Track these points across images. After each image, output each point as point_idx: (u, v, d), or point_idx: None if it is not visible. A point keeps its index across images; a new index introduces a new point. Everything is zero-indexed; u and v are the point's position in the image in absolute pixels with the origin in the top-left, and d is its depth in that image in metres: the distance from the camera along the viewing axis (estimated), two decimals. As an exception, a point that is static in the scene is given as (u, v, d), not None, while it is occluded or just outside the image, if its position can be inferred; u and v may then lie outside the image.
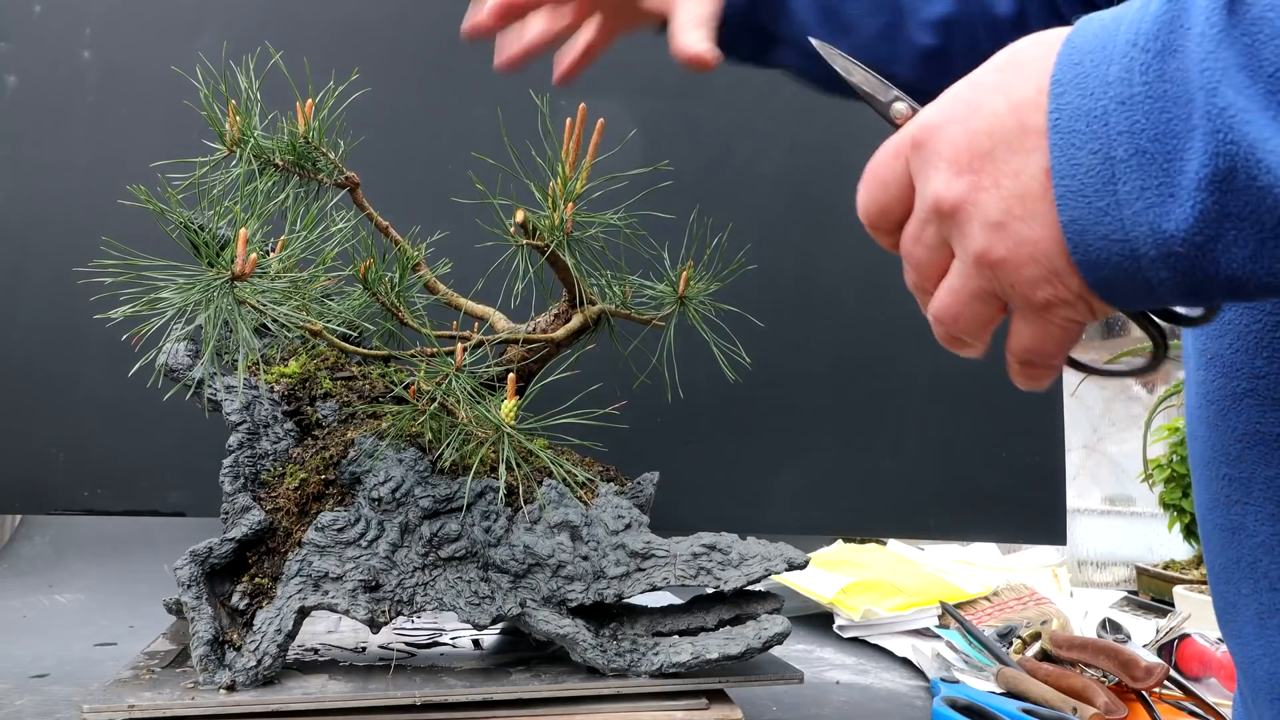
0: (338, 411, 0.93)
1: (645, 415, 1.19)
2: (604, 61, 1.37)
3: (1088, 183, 0.38)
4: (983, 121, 0.41)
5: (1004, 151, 0.40)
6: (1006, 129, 0.40)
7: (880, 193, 0.46)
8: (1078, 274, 0.39)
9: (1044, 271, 0.40)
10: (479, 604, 0.81)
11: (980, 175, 0.41)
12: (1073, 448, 2.08)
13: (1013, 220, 0.40)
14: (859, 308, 1.44)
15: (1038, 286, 0.40)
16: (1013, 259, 0.40)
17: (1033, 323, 0.43)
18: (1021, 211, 0.40)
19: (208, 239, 0.70)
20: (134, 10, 1.32)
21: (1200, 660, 1.13)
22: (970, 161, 0.41)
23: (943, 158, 0.42)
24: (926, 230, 0.44)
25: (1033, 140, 0.39)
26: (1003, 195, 0.40)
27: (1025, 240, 0.40)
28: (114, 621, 1.26)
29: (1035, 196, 0.39)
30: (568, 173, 0.84)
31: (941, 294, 0.44)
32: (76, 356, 1.27)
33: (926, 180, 0.43)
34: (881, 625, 1.27)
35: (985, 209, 0.40)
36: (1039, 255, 0.40)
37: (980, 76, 0.42)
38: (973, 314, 0.44)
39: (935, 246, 0.44)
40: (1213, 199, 0.35)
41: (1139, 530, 2.08)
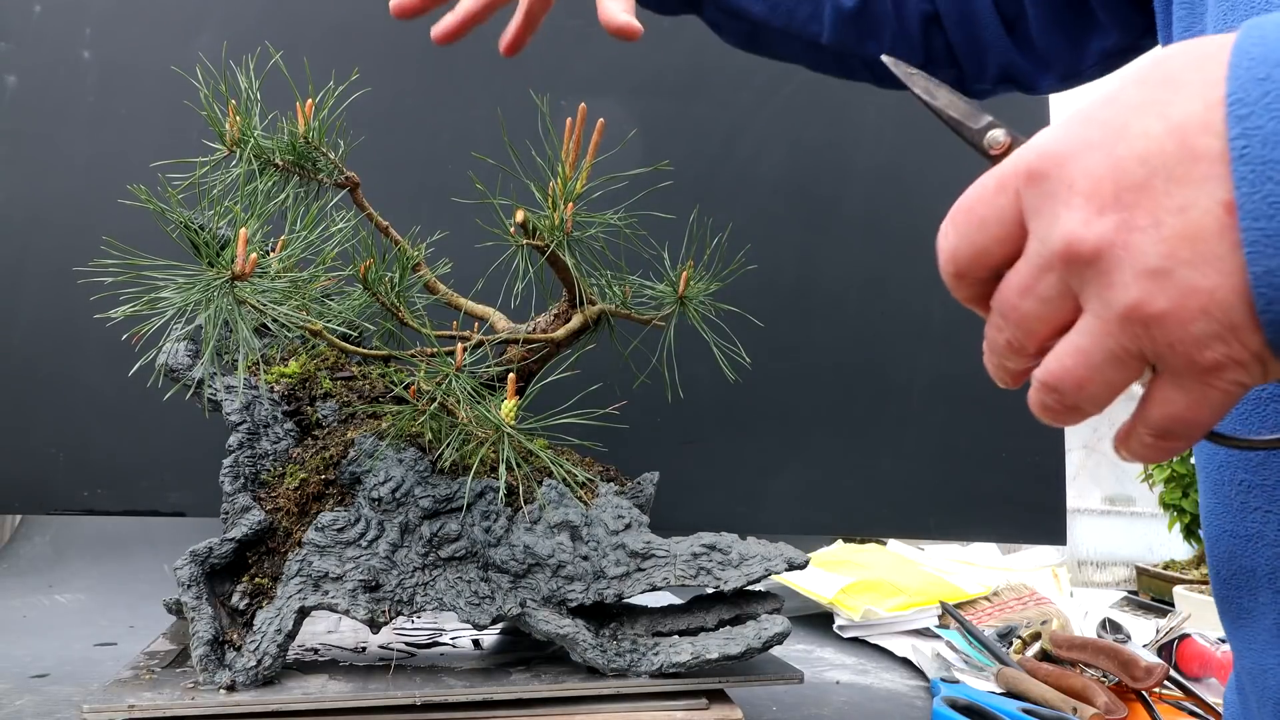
0: (338, 411, 0.93)
1: (645, 415, 1.19)
2: (604, 61, 1.37)
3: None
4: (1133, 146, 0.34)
5: (1164, 182, 0.33)
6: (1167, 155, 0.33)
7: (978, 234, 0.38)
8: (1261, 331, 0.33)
9: (1218, 328, 0.33)
10: (479, 604, 0.81)
11: (1133, 212, 0.34)
12: (1073, 448, 2.08)
13: (1179, 266, 0.33)
14: (859, 308, 1.44)
15: (1207, 346, 0.34)
16: (1177, 313, 0.33)
17: (1189, 389, 0.35)
18: (1191, 255, 0.33)
19: (208, 239, 0.70)
20: (134, 10, 1.32)
21: (1200, 660, 1.13)
22: (1118, 195, 0.34)
23: (1077, 191, 0.35)
24: (1045, 279, 0.37)
25: (1204, 168, 0.33)
26: (1164, 236, 0.33)
27: (1196, 290, 0.33)
28: (114, 621, 1.26)
29: (1210, 237, 0.33)
30: (568, 173, 0.84)
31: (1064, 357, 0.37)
32: (76, 356, 1.27)
33: (1054, 219, 0.36)
34: (881, 625, 1.27)
35: (1140, 253, 0.34)
36: (1213, 308, 0.33)
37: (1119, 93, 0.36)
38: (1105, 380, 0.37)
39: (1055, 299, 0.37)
40: None
41: (1139, 530, 2.08)
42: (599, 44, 1.40)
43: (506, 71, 1.37)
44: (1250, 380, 0.35)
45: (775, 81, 1.43)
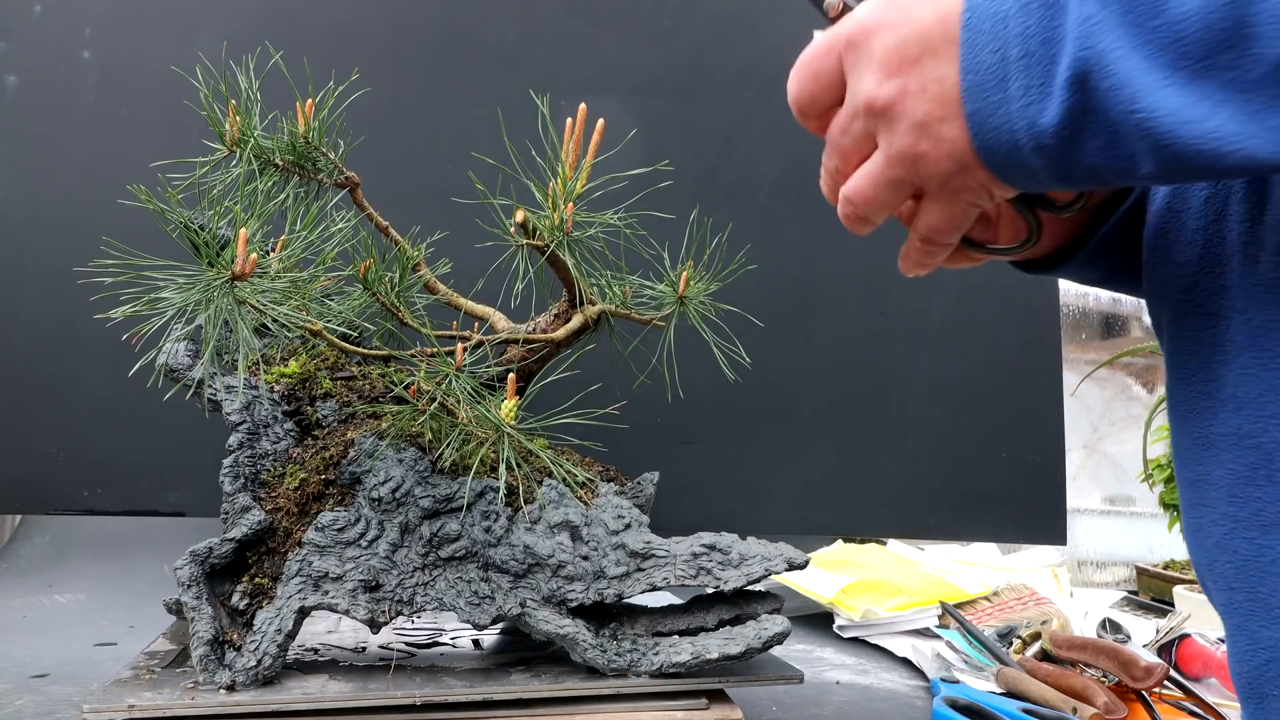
0: (338, 411, 0.93)
1: (645, 415, 1.19)
2: (604, 61, 1.37)
3: (987, 79, 0.43)
4: (913, 28, 0.45)
5: (930, 58, 0.45)
6: (933, 37, 0.45)
7: (811, 83, 0.51)
8: (984, 165, 0.45)
9: (957, 165, 0.46)
10: (479, 604, 0.81)
11: (909, 79, 0.45)
12: (1073, 448, 2.08)
13: (934, 122, 0.45)
14: (859, 308, 1.44)
15: (951, 178, 0.46)
16: (933, 154, 0.46)
17: (942, 205, 0.49)
18: (943, 114, 0.45)
19: (208, 239, 0.70)
20: (134, 10, 1.32)
21: (1200, 660, 1.13)
22: (900, 66, 0.46)
23: (875, 60, 0.46)
24: (855, 123, 0.49)
25: (954, 49, 0.44)
26: (928, 99, 0.45)
27: (943, 139, 0.45)
28: (114, 621, 1.26)
29: (954, 101, 0.44)
30: (568, 173, 0.84)
31: (859, 178, 0.50)
32: (76, 356, 1.27)
33: (859, 80, 0.47)
34: (881, 625, 1.27)
35: (912, 111, 0.46)
36: (954, 152, 0.45)
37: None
38: (884, 198, 0.49)
39: (861, 138, 0.49)
40: (1074, 98, 0.40)
41: (1139, 530, 2.08)
42: (599, 44, 1.41)
43: (506, 71, 1.37)
44: (980, 201, 0.48)
45: (775, 82, 1.42)
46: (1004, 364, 1.44)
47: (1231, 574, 0.50)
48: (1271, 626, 0.48)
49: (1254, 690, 0.50)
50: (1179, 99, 0.38)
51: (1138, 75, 0.39)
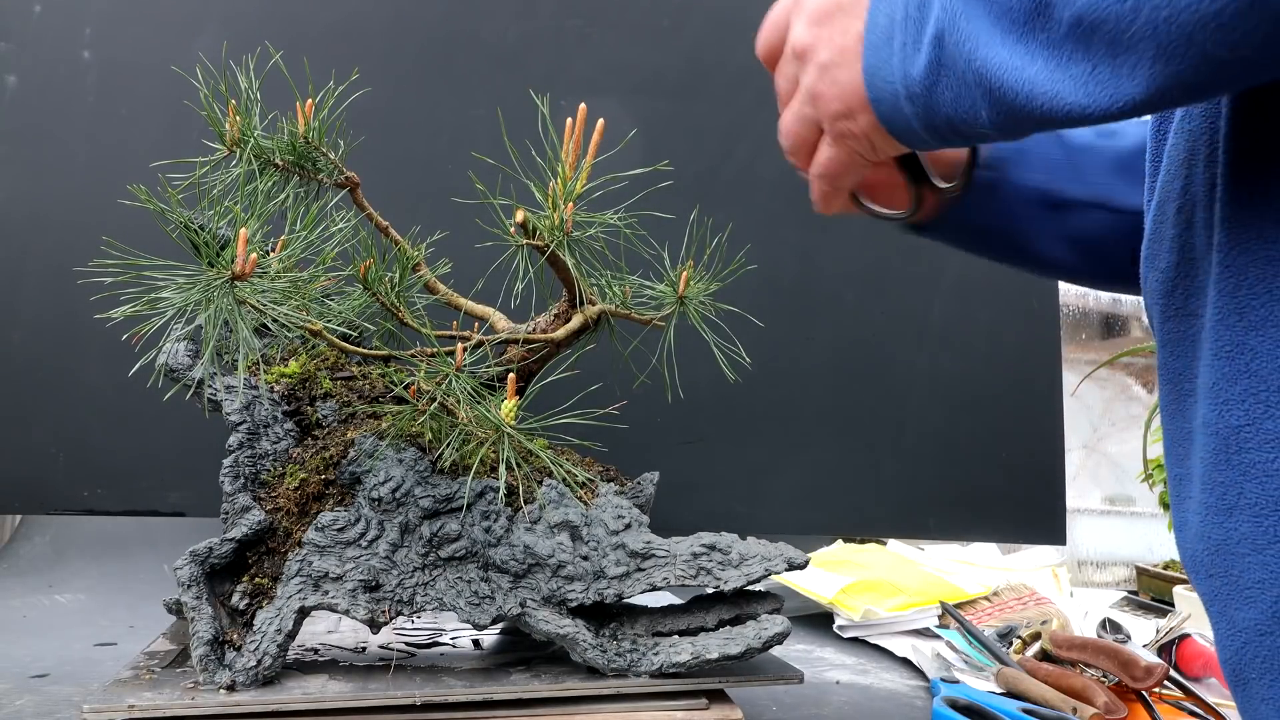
0: (338, 411, 0.93)
1: (645, 415, 1.19)
2: (604, 61, 1.37)
3: (880, 37, 0.51)
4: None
5: (841, 14, 0.54)
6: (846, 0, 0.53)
7: (770, 33, 0.60)
8: (868, 111, 0.53)
9: (845, 108, 0.54)
10: (479, 604, 0.81)
11: (823, 29, 0.54)
12: (1073, 448, 2.08)
13: (833, 66, 0.54)
14: (859, 308, 1.44)
15: (840, 119, 0.55)
16: (828, 94, 0.54)
17: (831, 147, 0.57)
18: (840, 60, 0.53)
19: (208, 239, 0.70)
20: (134, 10, 1.31)
21: (1200, 660, 1.13)
22: (820, 18, 0.55)
23: (805, 12, 0.55)
24: (788, 66, 0.58)
25: (860, 7, 0.53)
26: (833, 47, 0.54)
27: (837, 82, 0.54)
28: (114, 621, 1.26)
29: (851, 51, 0.53)
30: (568, 173, 0.84)
31: (784, 115, 0.59)
32: (76, 356, 1.27)
33: (792, 28, 0.57)
34: (881, 625, 1.27)
35: (820, 55, 0.54)
36: (845, 95, 0.54)
37: None
38: (800, 134, 0.58)
39: (790, 80, 0.58)
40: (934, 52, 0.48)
41: (1139, 530, 2.08)
42: (599, 44, 1.41)
43: (506, 71, 1.37)
44: (863, 149, 0.56)
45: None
46: (1004, 364, 1.44)
47: (1208, 561, 0.52)
48: (1245, 608, 0.49)
49: (1237, 676, 0.51)
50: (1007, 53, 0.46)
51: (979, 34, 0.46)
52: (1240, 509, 0.49)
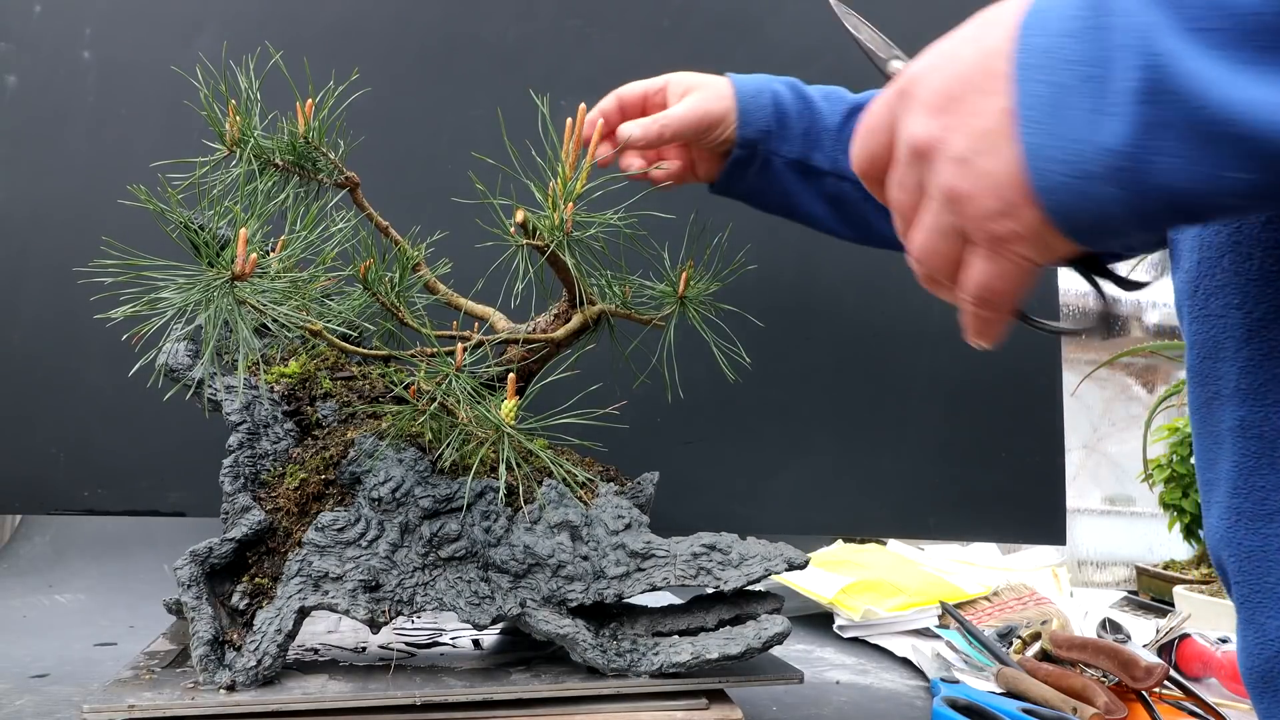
0: (338, 411, 0.93)
1: (645, 415, 1.19)
2: (604, 61, 1.37)
3: (1042, 111, 0.41)
4: (957, 68, 0.44)
5: (972, 94, 0.44)
6: (975, 74, 0.44)
7: (870, 141, 0.49)
8: (1034, 204, 0.42)
9: (1003, 204, 0.43)
10: (479, 604, 0.81)
11: (951, 117, 0.44)
12: (1073, 448, 2.08)
13: (976, 156, 0.43)
14: (859, 308, 1.44)
15: (996, 220, 0.43)
16: (974, 192, 0.43)
17: (988, 259, 0.45)
18: (984, 147, 0.43)
19: (208, 239, 0.70)
20: (134, 10, 1.31)
21: (1200, 660, 1.13)
22: (943, 104, 0.44)
23: (920, 102, 0.45)
24: (906, 174, 0.47)
25: (997, 83, 0.43)
26: (969, 134, 0.43)
27: (986, 174, 0.43)
28: (114, 621, 1.26)
29: (996, 134, 0.42)
30: (568, 173, 0.84)
31: (915, 233, 0.48)
32: (76, 356, 1.27)
33: (905, 125, 0.46)
34: (881, 625, 1.27)
35: (953, 146, 0.44)
36: (999, 188, 0.43)
37: (961, 31, 0.46)
38: (940, 250, 0.47)
39: (913, 188, 0.47)
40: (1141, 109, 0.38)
41: (1139, 530, 2.08)
42: (599, 44, 1.41)
43: (506, 71, 1.37)
44: (1033, 253, 0.44)
45: (775, 81, 1.42)
46: (1004, 364, 1.44)
47: (1236, 567, 0.51)
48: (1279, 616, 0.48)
49: (1266, 683, 0.50)
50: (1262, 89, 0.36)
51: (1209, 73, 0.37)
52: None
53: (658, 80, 0.98)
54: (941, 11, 1.22)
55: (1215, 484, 0.53)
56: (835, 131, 0.96)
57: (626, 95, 0.97)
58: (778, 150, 0.96)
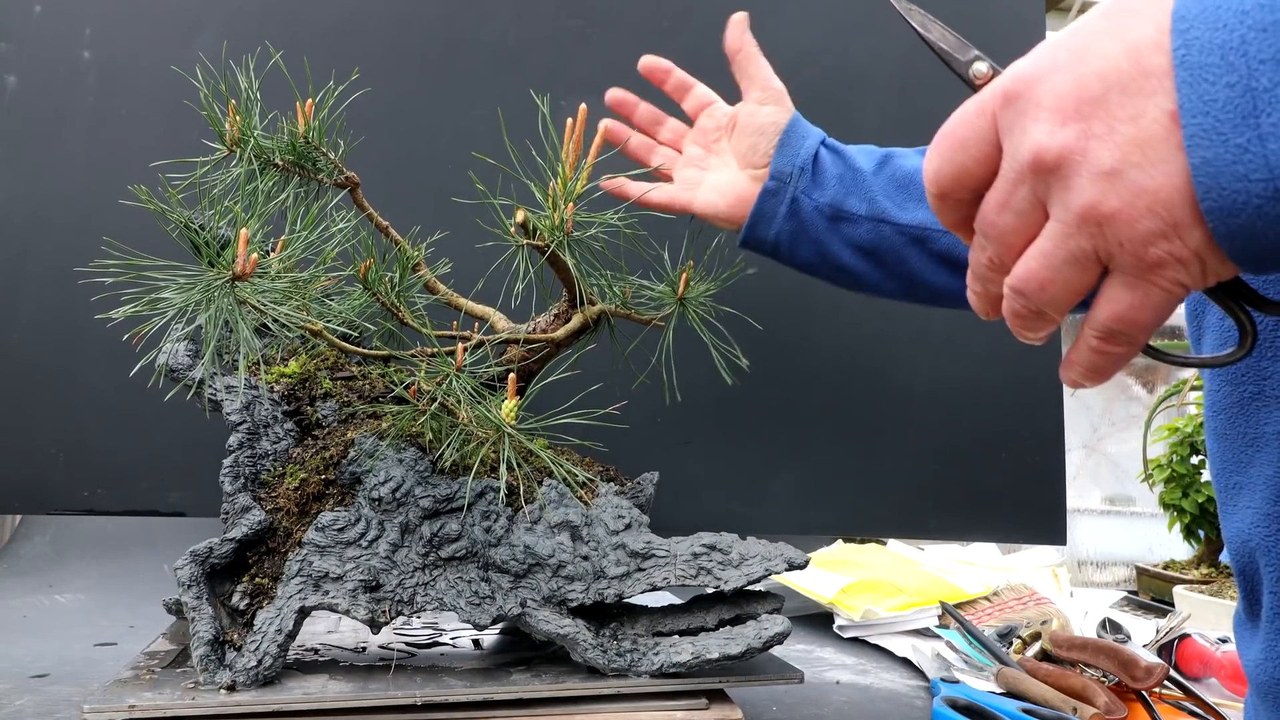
0: (338, 411, 0.93)
1: (645, 415, 1.19)
2: (604, 61, 1.37)
3: (1224, 119, 0.35)
4: (1093, 65, 0.38)
5: (1119, 95, 0.37)
6: (1121, 72, 0.37)
7: (958, 154, 0.42)
8: (1201, 226, 0.36)
9: (1162, 225, 0.36)
10: (479, 604, 0.81)
11: (1091, 122, 0.37)
12: (1073, 448, 2.08)
13: (1129, 168, 0.37)
14: (859, 308, 1.44)
15: (1152, 243, 0.37)
16: (1127, 211, 0.37)
17: (1134, 287, 0.38)
18: (1140, 159, 0.36)
19: (208, 239, 0.70)
20: (134, 10, 1.32)
21: (1200, 660, 1.13)
22: (1078, 108, 0.38)
23: (1044, 107, 0.39)
24: (1018, 192, 0.40)
25: (1153, 83, 0.37)
26: (1117, 142, 0.37)
27: (1144, 190, 0.36)
28: (114, 621, 1.26)
29: (1157, 141, 0.36)
30: (568, 173, 0.84)
31: (1029, 260, 0.40)
32: (76, 356, 1.27)
33: (1023, 134, 0.39)
34: (881, 625, 1.27)
35: (1097, 158, 0.37)
36: (1158, 206, 0.36)
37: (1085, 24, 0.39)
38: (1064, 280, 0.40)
39: (1027, 210, 0.40)
40: None
41: (1139, 530, 2.08)
42: (599, 44, 1.41)
43: (506, 71, 1.37)
44: (1190, 279, 0.38)
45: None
46: (1004, 364, 1.44)
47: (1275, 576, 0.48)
48: None
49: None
50: None
51: None
52: None
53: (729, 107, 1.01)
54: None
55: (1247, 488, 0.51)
56: (871, 174, 0.92)
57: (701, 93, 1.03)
58: (808, 194, 0.90)
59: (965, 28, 0.54)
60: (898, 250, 0.90)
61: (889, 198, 0.90)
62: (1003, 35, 1.43)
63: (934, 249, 0.90)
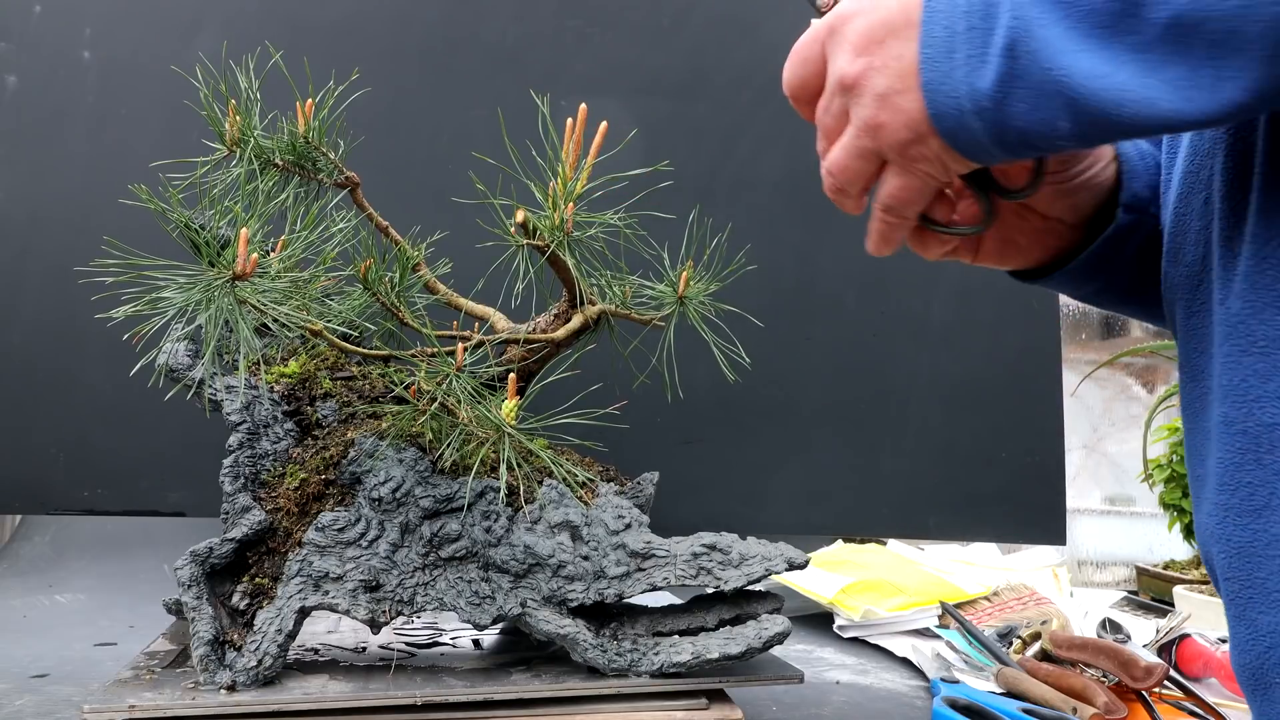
0: (338, 411, 0.93)
1: (645, 415, 1.19)
2: (604, 61, 1.37)
3: (939, 52, 0.48)
4: (880, 14, 0.51)
5: (893, 39, 0.50)
6: (896, 20, 0.50)
7: (801, 69, 0.56)
8: (936, 134, 0.49)
9: (913, 134, 0.50)
10: (479, 604, 0.81)
11: (874, 57, 0.51)
12: (1073, 448, 2.08)
13: (893, 94, 0.50)
14: (859, 308, 1.44)
15: (909, 146, 0.51)
16: (891, 124, 0.51)
17: (900, 175, 0.53)
18: (901, 86, 0.50)
19: (208, 239, 0.70)
20: (134, 10, 1.31)
21: (1200, 660, 1.13)
22: (868, 46, 0.51)
23: (848, 42, 0.52)
24: (833, 102, 0.54)
25: (913, 30, 0.49)
26: (889, 74, 0.50)
27: (901, 109, 0.50)
28: (114, 621, 1.26)
29: (910, 74, 0.49)
30: (568, 173, 0.84)
31: (834, 151, 0.55)
32: (76, 356, 1.27)
33: (834, 60, 0.53)
34: (881, 625, 1.27)
35: (874, 84, 0.51)
36: (910, 121, 0.50)
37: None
38: (856, 168, 0.54)
39: (838, 115, 0.54)
40: (1005, 64, 0.46)
41: (1139, 530, 2.08)
42: (599, 44, 1.41)
43: (506, 71, 1.37)
44: (935, 172, 0.52)
45: (775, 82, 1.42)
46: (1004, 364, 1.44)
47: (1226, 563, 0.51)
48: (1270, 612, 0.48)
49: (1258, 680, 0.50)
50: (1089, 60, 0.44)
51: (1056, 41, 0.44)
52: (1271, 509, 0.47)
53: None
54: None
55: (1204, 480, 0.53)
56: None
57: None
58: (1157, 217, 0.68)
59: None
60: None
61: None
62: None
63: None
